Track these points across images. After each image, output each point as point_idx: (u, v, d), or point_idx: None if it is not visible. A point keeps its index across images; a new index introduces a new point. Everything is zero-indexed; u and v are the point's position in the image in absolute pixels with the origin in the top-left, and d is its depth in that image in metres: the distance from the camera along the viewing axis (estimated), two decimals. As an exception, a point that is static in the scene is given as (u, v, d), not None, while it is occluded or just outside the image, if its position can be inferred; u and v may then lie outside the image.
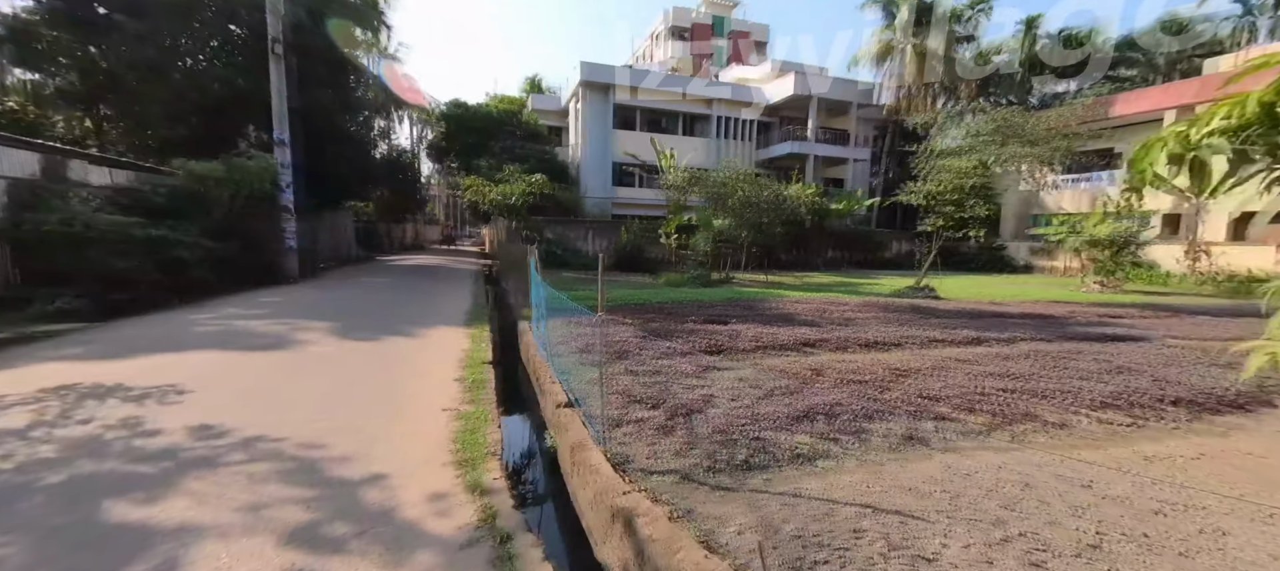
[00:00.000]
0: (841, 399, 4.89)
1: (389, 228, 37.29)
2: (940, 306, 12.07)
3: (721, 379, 5.67)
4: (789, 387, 5.26)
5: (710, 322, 9.05)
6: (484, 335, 8.94)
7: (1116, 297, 15.37)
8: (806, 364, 6.35)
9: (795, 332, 8.10)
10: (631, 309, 10.69)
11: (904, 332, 8.36)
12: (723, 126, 31.07)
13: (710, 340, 7.44)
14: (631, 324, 8.77)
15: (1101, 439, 4.29)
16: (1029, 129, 13.28)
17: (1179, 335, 8.83)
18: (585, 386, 5.36)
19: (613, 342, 7.16)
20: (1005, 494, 3.23)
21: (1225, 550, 2.71)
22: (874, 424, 4.38)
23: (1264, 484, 3.47)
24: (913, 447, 4.00)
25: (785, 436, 4.10)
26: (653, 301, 11.88)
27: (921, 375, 5.79)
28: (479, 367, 6.65)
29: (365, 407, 5.21)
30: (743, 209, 17.00)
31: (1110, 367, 6.27)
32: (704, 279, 16.97)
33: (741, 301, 12.15)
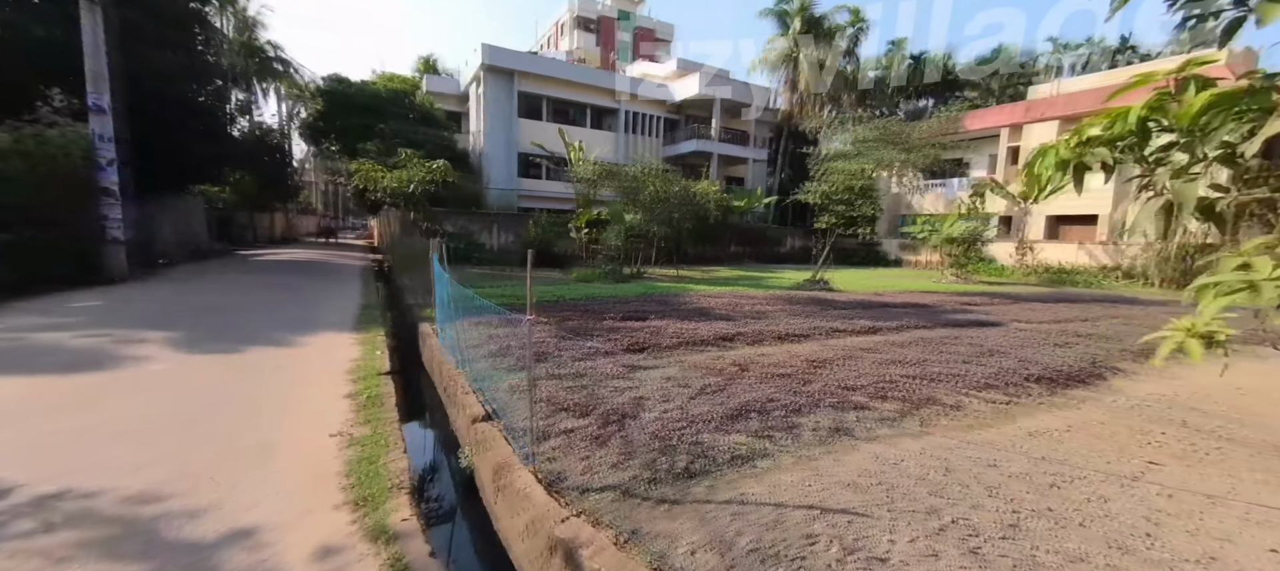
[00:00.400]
0: (769, 394, 4.93)
1: (253, 218, 32.42)
2: (837, 298, 13.04)
3: (649, 379, 5.47)
4: (717, 385, 5.20)
5: (629, 319, 8.86)
6: (378, 341, 7.92)
7: (968, 287, 17.79)
8: (729, 359, 6.38)
9: (713, 327, 8.18)
10: (546, 306, 10.17)
11: (811, 324, 8.82)
12: (631, 121, 31.13)
13: (632, 338, 7.23)
14: (548, 323, 8.30)
15: (990, 418, 4.74)
16: (906, 137, 14.81)
17: (1022, 320, 10.32)
18: (504, 396, 4.87)
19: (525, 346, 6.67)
20: (931, 480, 3.37)
21: (1111, 516, 3.03)
22: (803, 418, 4.44)
23: (1120, 450, 4.02)
24: (840, 439, 4.10)
25: (722, 437, 4.00)
26: (567, 298, 11.43)
27: (835, 366, 6.06)
28: (374, 380, 5.80)
29: (223, 440, 4.24)
30: (654, 204, 17.07)
31: (982, 351, 7.08)
32: (617, 274, 16.79)
33: (657, 296, 12.14)
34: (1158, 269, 18.87)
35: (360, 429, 4.40)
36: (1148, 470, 3.64)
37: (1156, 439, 4.26)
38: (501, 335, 7.28)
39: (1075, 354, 7.09)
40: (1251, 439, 4.32)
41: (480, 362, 6.03)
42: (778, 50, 31.61)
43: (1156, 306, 13.24)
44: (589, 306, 10.19)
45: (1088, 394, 5.62)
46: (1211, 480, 3.53)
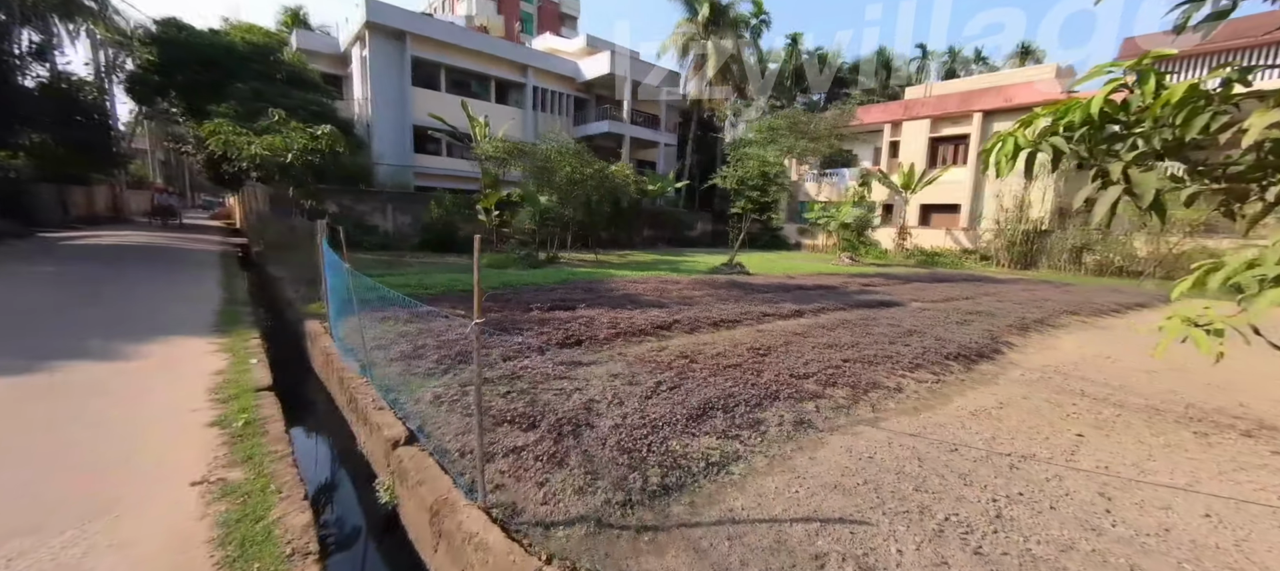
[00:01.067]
0: (726, 388, 4.67)
1: (64, 192, 26.11)
2: (754, 281, 13.38)
3: (593, 377, 4.97)
4: (670, 382, 4.85)
5: (557, 309, 8.22)
6: (249, 346, 6.49)
7: (861, 269, 19.38)
8: (674, 350, 6.07)
9: (647, 315, 7.83)
10: (460, 297, 9.15)
11: (741, 309, 8.83)
12: (539, 98, 29.63)
13: (565, 330, 6.64)
14: (466, 316, 7.39)
15: (929, 398, 4.91)
16: (812, 128, 15.55)
17: (917, 299, 11.29)
18: (427, 409, 4.10)
19: (449, 342, 5.83)
20: (909, 474, 3.30)
21: (1070, 494, 3.15)
22: (765, 412, 4.23)
23: (1050, 425, 4.31)
24: (806, 433, 3.95)
25: (690, 441, 3.65)
26: (482, 286, 10.43)
27: (779, 353, 6.00)
28: (248, 399, 4.63)
29: (18, 508, 3.04)
30: (570, 186, 16.30)
31: (901, 331, 7.50)
32: (532, 260, 15.86)
33: (580, 283, 11.54)
34: (1006, 252, 21.98)
35: (235, 471, 3.36)
36: (1079, 444, 3.92)
37: (1070, 410, 4.66)
38: (412, 333, 6.31)
39: (975, 330, 7.78)
40: (1137, 404, 4.91)
41: (391, 368, 5.11)
42: (686, 35, 31.83)
43: (1010, 284, 15.30)
44: (508, 296, 9.35)
45: (995, 368, 6.11)
46: (1129, 448, 3.88)
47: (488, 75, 28.06)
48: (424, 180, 25.66)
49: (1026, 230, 21.40)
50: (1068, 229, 20.82)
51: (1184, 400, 5.06)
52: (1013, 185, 22.22)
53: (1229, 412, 4.72)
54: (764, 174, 15.27)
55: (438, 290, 9.84)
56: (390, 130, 24.81)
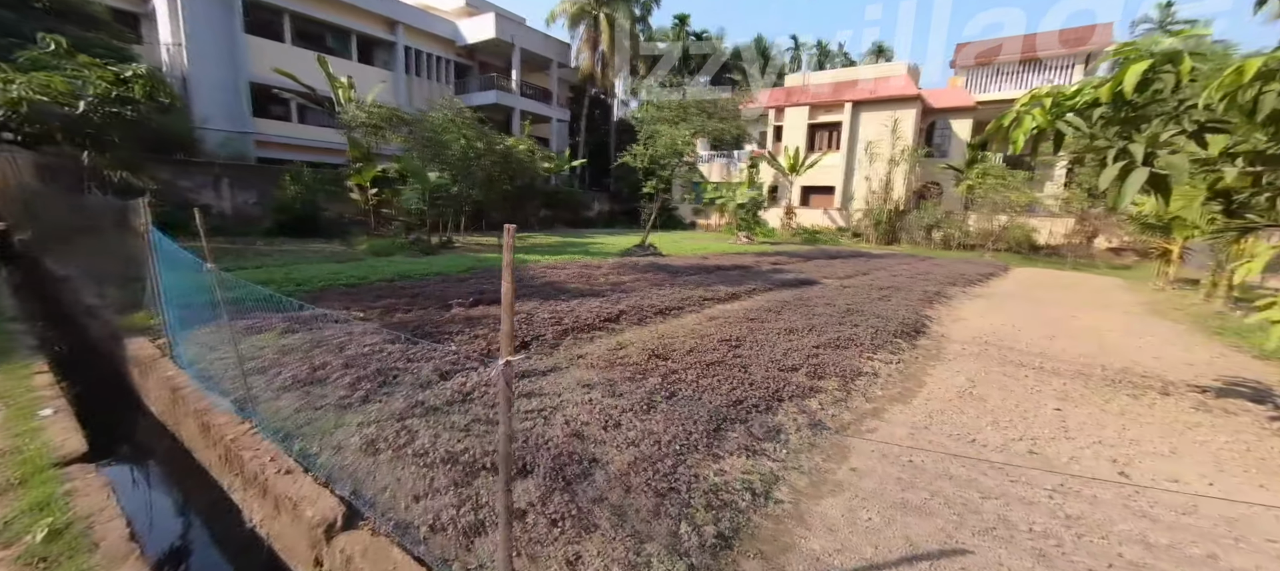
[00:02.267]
0: (725, 393, 4.15)
1: None
2: (673, 263, 13.10)
3: (563, 390, 4.13)
4: (659, 389, 4.19)
5: (482, 304, 7.03)
6: (33, 388, 4.43)
7: (760, 247, 20.29)
8: (636, 347, 5.40)
9: (586, 306, 7.03)
10: (346, 293, 7.45)
11: (678, 294, 8.40)
12: (412, 60, 26.18)
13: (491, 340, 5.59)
14: (368, 318, 5.96)
15: (907, 382, 4.90)
16: (720, 108, 15.59)
17: (828, 277, 11.90)
18: (360, 462, 2.98)
19: (359, 358, 4.52)
20: (960, 477, 3.07)
21: (1099, 478, 3.16)
22: (776, 416, 3.80)
23: (1029, 400, 4.48)
24: (825, 436, 3.60)
25: (719, 466, 3.06)
26: (372, 280, 8.70)
27: (749, 343, 5.65)
28: (49, 485, 2.96)
29: None
30: (464, 162, 14.49)
31: (840, 310, 7.65)
32: (423, 245, 13.90)
33: (492, 271, 10.23)
34: (874, 229, 24.62)
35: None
36: (1061, 417, 4.08)
37: (1029, 383, 4.93)
38: (300, 346, 4.83)
39: (897, 306, 8.24)
40: (1069, 371, 5.39)
41: (282, 402, 3.74)
42: (577, 4, 30.35)
43: (888, 258, 17.04)
44: (413, 289, 7.85)
45: (933, 343, 6.42)
46: (1098, 417, 4.12)
47: (347, 28, 23.98)
48: (269, 150, 21.30)
49: (890, 210, 24.13)
50: (922, 209, 23.89)
51: (1096, 363, 5.69)
52: (879, 169, 24.86)
53: (1132, 373, 5.39)
54: (677, 152, 15.01)
55: (316, 285, 7.95)
56: (217, 87, 20.04)
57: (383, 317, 6.17)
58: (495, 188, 15.32)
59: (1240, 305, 8.89)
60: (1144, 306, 9.93)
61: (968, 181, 22.46)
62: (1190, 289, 11.65)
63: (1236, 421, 4.16)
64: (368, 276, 8.97)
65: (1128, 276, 15.40)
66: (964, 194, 23.24)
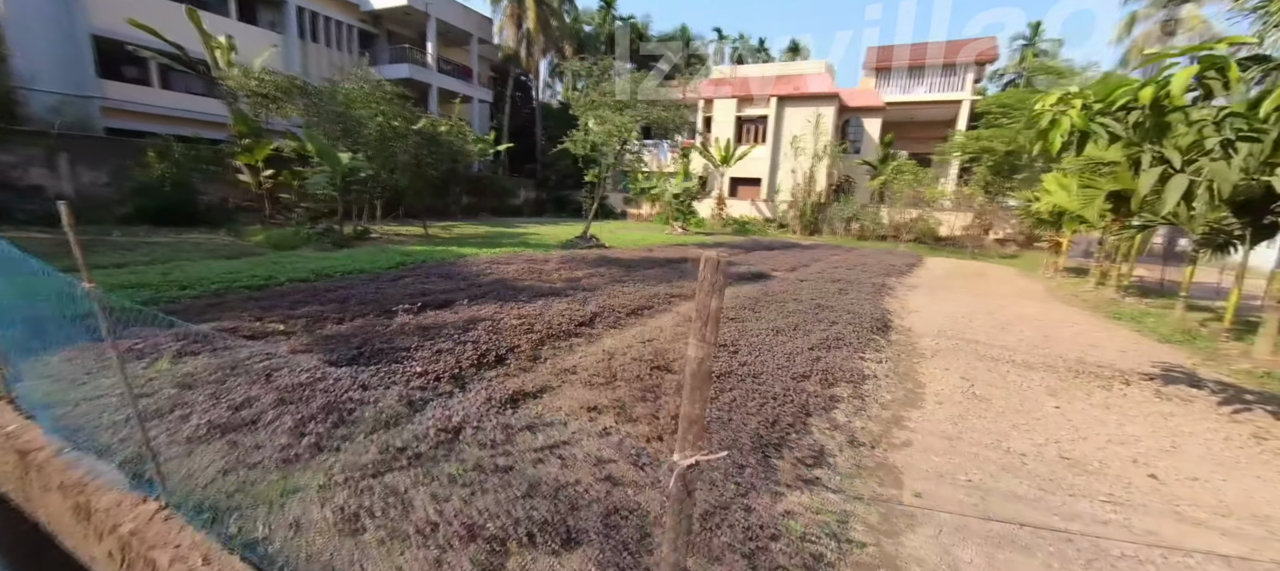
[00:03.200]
0: (755, 410, 3.76)
1: None
2: (621, 255, 12.58)
3: (564, 416, 3.53)
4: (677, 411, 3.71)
5: (429, 309, 6.09)
6: None
7: (697, 238, 20.36)
8: (624, 355, 4.86)
9: (554, 309, 6.34)
10: (254, 300, 6.12)
11: (643, 291, 7.93)
12: (307, 23, 23.00)
13: (467, 344, 4.80)
14: (291, 333, 4.86)
15: (909, 383, 4.84)
16: (663, 96, 15.21)
17: (775, 268, 12.03)
18: (333, 545, 2.21)
19: (295, 390, 3.57)
20: (1026, 497, 2.93)
21: (1134, 484, 3.18)
22: (810, 433, 3.48)
23: (1024, 398, 4.56)
24: (866, 454, 3.35)
25: (784, 506, 2.67)
26: (283, 280, 7.31)
27: (742, 349, 5.31)
28: None
29: None
30: (383, 142, 12.84)
31: (810, 306, 7.61)
32: (336, 236, 12.16)
33: (427, 267, 9.10)
34: (798, 220, 25.74)
35: None
36: (1060, 415, 4.17)
37: (1014, 379, 5.08)
38: (208, 375, 3.76)
39: (857, 300, 8.39)
40: (1039, 363, 5.67)
41: (200, 460, 2.77)
42: (499, -24, 28.42)
43: (820, 249, 17.78)
44: (338, 293, 6.66)
45: (905, 338, 6.54)
46: (1089, 412, 4.28)
47: (223, -20, 20.43)
48: (123, 120, 17.65)
49: (813, 203, 25.34)
50: (841, 202, 25.35)
51: (1053, 354, 6.07)
52: (804, 164, 25.98)
53: (1087, 362, 5.79)
54: (622, 139, 14.42)
55: (209, 289, 6.49)
56: (48, 38, 16.14)
57: (310, 330, 5.07)
58: (422, 173, 13.77)
59: (1129, 293, 10.18)
60: (1049, 294, 11.07)
61: (882, 177, 24.14)
62: (1077, 277, 13.27)
63: (1197, 408, 4.52)
64: (276, 275, 7.53)
65: (1018, 265, 17.32)
66: (877, 188, 24.99)
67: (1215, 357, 6.22)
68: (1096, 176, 9.78)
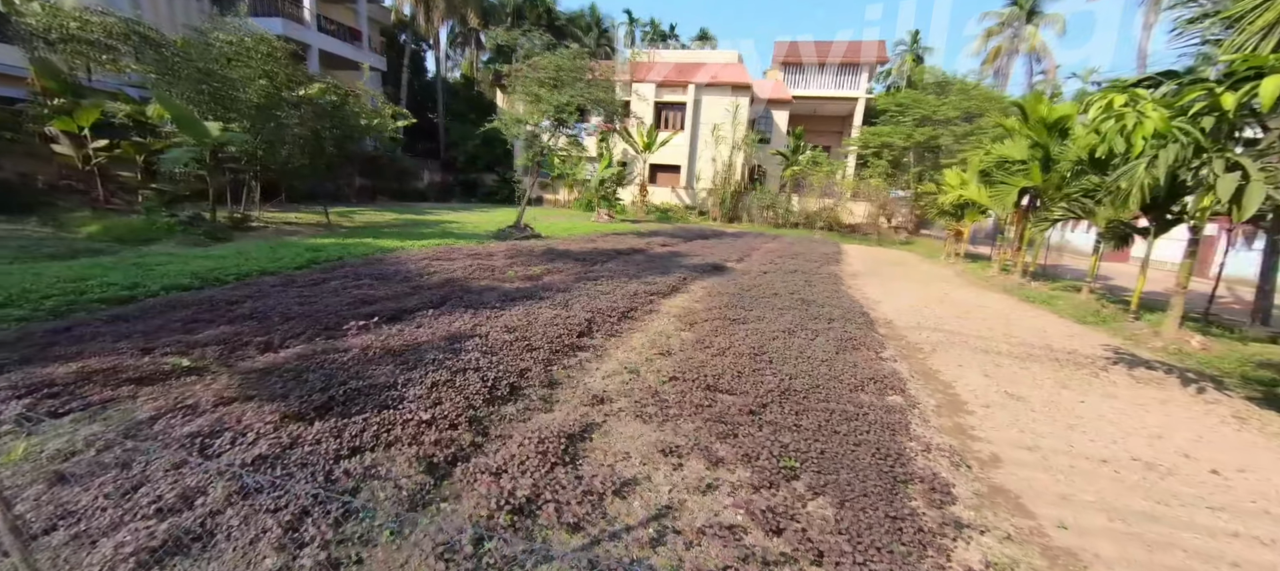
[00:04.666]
0: (844, 435, 3.34)
1: None
2: (565, 246, 11.64)
3: (637, 460, 2.86)
4: (765, 447, 3.18)
5: (386, 323, 4.88)
6: None
7: (626, 226, 19.81)
8: (651, 374, 4.23)
9: (537, 316, 5.45)
10: (121, 320, 4.45)
11: (617, 290, 7.22)
12: (139, -44, 18.29)
13: (475, 377, 3.83)
14: (203, 368, 3.53)
15: (930, 381, 4.78)
16: (599, 75, 14.31)
17: (724, 258, 11.91)
18: None
19: (247, 473, 2.46)
20: (1166, 518, 2.83)
21: (1237, 486, 3.27)
22: (917, 462, 3.16)
23: (1048, 393, 4.68)
24: (980, 481, 3.10)
25: (958, 561, 2.28)
26: (156, 290, 5.53)
27: (768, 356, 4.90)
28: None
29: None
30: (265, 112, 10.48)
31: (796, 301, 7.46)
32: (211, 227, 9.76)
33: (352, 266, 7.54)
34: (719, 208, 26.28)
35: None
36: (1084, 406, 4.32)
37: (1031, 375, 5.25)
38: (94, 447, 2.49)
39: (824, 291, 8.44)
40: (1034, 354, 5.97)
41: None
42: (390, -72, 25.02)
43: (750, 237, 18.17)
44: (242, 304, 5.12)
45: (892, 332, 6.62)
46: (1105, 403, 4.49)
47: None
48: None
49: (733, 191, 25.99)
50: (758, 191, 26.29)
51: (1024, 343, 6.47)
52: (723, 152, 26.48)
53: (1056, 350, 6.24)
54: (562, 120, 13.27)
55: (38, 306, 4.64)
56: None
57: (231, 364, 3.73)
58: (323, 151, 11.51)
59: (1035, 279, 11.53)
60: (968, 279, 12.21)
61: (796, 167, 25.39)
62: (976, 262, 14.88)
63: (1167, 392, 4.98)
64: (144, 283, 5.66)
65: (916, 251, 19.16)
66: (789, 178, 26.27)
67: (1134, 338, 7.08)
68: (1008, 174, 10.85)
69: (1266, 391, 5.12)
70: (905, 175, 22.46)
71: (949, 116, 21.48)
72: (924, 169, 22.16)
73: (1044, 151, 10.11)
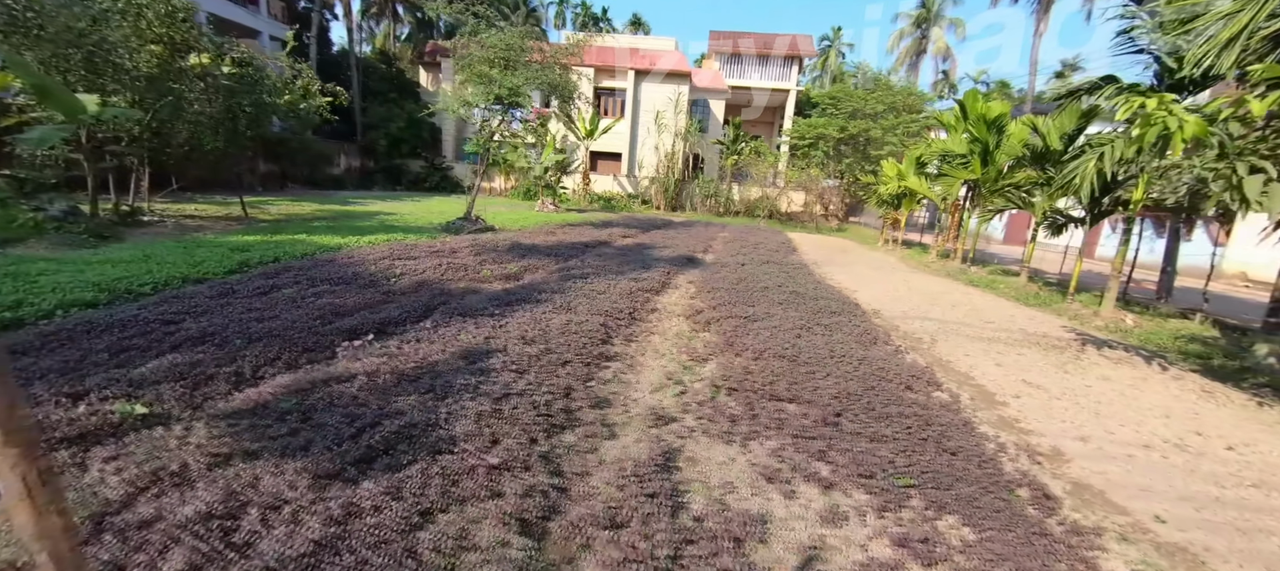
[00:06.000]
0: (940, 439, 3.24)
1: None
2: (531, 241, 10.90)
3: (749, 493, 2.59)
4: (859, 465, 3.01)
5: (385, 335, 4.17)
6: None
7: (574, 217, 19.15)
8: (700, 384, 3.94)
9: (549, 322, 4.95)
10: (22, 353, 3.40)
11: (616, 288, 6.82)
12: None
13: (524, 403, 3.32)
14: (177, 425, 2.74)
15: (948, 374, 4.91)
16: (555, 56, 13.52)
17: (693, 249, 11.79)
18: None
19: None
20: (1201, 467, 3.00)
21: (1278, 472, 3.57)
22: (1006, 464, 3.14)
23: (1065, 382, 4.95)
24: (1050, 469, 3.15)
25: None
26: (51, 311, 4.37)
27: (809, 360, 4.78)
28: None
29: None
30: (157, 83, 8.72)
31: (789, 294, 7.43)
32: (94, 224, 8.01)
33: (298, 267, 6.47)
34: (661, 196, 26.23)
35: None
36: (1102, 394, 4.62)
37: (1033, 362, 5.54)
38: None
39: (804, 281, 8.55)
40: (1006, 339, 6.34)
41: None
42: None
43: (695, 225, 18.24)
44: (185, 323, 4.16)
45: (887, 323, 6.81)
46: (1105, 389, 4.84)
47: None
48: None
49: (676, 179, 26.04)
50: (698, 180, 26.54)
51: (1002, 328, 6.91)
52: (666, 140, 26.39)
53: (1033, 334, 6.71)
54: (516, 104, 12.35)
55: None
56: None
57: (198, 405, 2.95)
58: (237, 131, 9.80)
59: (974, 264, 12.53)
60: (913, 266, 13.02)
61: (736, 157, 25.91)
62: (912, 248, 15.98)
63: (1139, 370, 5.50)
64: (28, 300, 4.42)
65: (851, 237, 20.29)
66: (731, 167, 26.77)
67: (1077, 318, 7.84)
68: (951, 167, 11.63)
69: (1204, 364, 5.82)
70: (839, 165, 23.67)
71: (877, 110, 22.90)
72: (856, 159, 23.50)
73: (984, 146, 10.92)
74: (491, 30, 12.90)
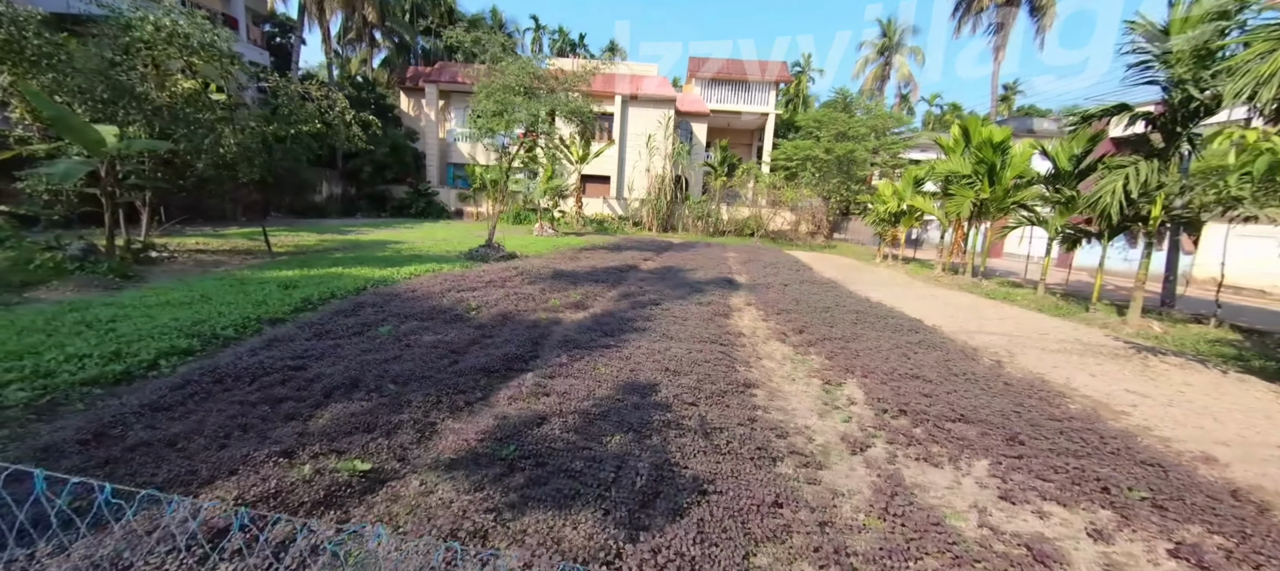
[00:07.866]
0: (1104, 445, 3.38)
1: None
2: (565, 267, 10.77)
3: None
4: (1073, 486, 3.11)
5: (511, 371, 4.03)
6: None
7: (573, 241, 19.05)
8: (847, 407, 3.98)
9: (656, 354, 4.90)
10: (140, 422, 3.12)
11: (688, 315, 6.84)
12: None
13: (742, 453, 3.28)
14: (424, 494, 2.60)
15: (1030, 374, 5.14)
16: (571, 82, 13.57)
17: (720, 272, 11.92)
18: None
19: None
20: None
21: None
22: (1145, 450, 3.31)
23: (1112, 385, 5.25)
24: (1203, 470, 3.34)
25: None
26: (143, 366, 4.01)
27: (944, 391, 4.90)
28: None
29: None
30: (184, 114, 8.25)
31: (849, 313, 7.61)
32: (113, 262, 7.41)
33: (367, 305, 6.16)
34: (653, 219, 26.46)
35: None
36: (1165, 388, 4.93)
37: (1098, 366, 5.85)
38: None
39: (857, 300, 8.79)
40: (1061, 348, 6.68)
41: None
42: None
43: (698, 246, 18.48)
44: (331, 370, 3.91)
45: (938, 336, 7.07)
46: (1162, 380, 5.17)
47: None
48: None
49: (668, 201, 26.35)
50: (689, 201, 26.96)
51: (1055, 340, 7.28)
52: (657, 163, 26.74)
53: (1093, 344, 7.09)
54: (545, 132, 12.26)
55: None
56: None
57: (401, 454, 2.77)
58: (254, 162, 9.33)
59: (985, 278, 13.16)
60: (927, 281, 13.53)
61: (723, 177, 26.49)
62: (916, 264, 16.66)
63: (1199, 375, 5.90)
64: (123, 351, 4.04)
65: (848, 254, 20.97)
66: (719, 188, 27.33)
67: (1109, 327, 8.36)
68: (959, 187, 12.29)
69: (1246, 366, 6.31)
70: (826, 185, 24.54)
71: (860, 133, 24.00)
72: (842, 179, 24.47)
73: (990, 167, 11.62)
74: (510, 59, 12.88)
